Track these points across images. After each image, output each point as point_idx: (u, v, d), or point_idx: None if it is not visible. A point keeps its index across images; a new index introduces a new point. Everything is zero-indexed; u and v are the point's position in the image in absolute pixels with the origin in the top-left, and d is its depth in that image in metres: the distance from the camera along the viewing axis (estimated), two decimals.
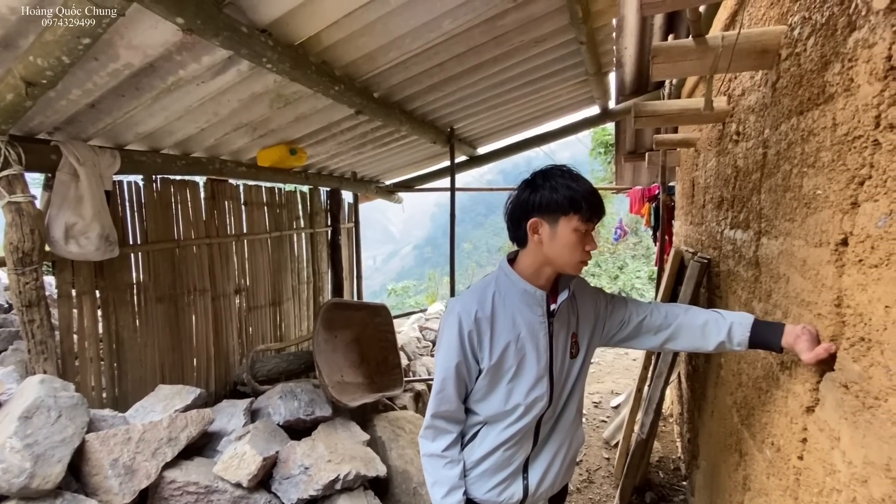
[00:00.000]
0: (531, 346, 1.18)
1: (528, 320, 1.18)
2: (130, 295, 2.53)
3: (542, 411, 1.23)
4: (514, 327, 1.17)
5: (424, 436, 1.26)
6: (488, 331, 1.17)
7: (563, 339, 1.23)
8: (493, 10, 2.05)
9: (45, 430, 1.62)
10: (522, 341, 1.17)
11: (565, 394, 1.27)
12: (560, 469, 1.32)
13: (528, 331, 1.18)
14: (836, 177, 0.93)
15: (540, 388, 1.20)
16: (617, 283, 11.20)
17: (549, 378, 1.21)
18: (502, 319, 1.18)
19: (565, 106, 4.05)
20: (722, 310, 1.25)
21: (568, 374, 1.25)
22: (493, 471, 1.25)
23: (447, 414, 1.23)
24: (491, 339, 1.17)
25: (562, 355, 1.23)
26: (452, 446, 1.24)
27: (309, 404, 2.60)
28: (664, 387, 2.37)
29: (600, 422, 3.86)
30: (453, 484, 1.22)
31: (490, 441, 1.23)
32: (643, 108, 1.86)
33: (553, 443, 1.30)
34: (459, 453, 1.26)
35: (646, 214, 5.02)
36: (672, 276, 2.67)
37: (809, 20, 1.09)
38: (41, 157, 1.92)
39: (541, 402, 1.21)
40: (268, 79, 2.07)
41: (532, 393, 1.19)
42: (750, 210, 1.56)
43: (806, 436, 1.04)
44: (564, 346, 1.23)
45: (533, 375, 1.19)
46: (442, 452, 1.23)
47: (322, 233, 4.51)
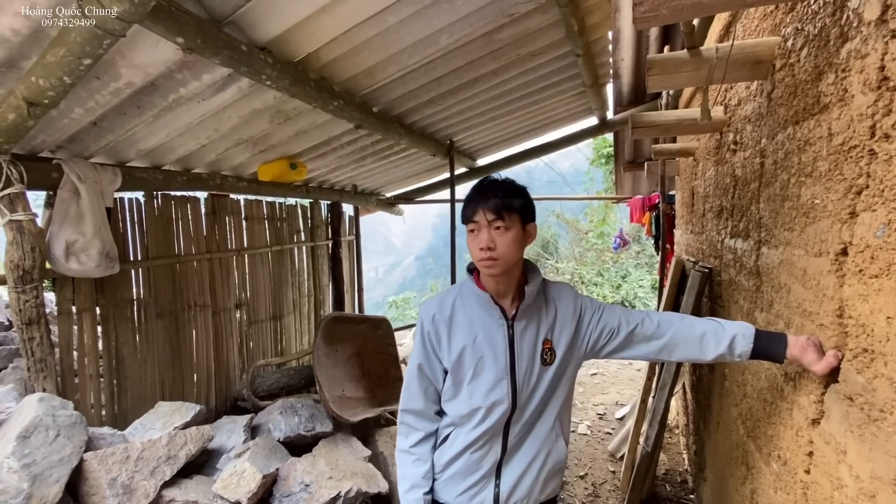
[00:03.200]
0: (488, 349, 1.21)
1: (484, 323, 1.21)
2: (131, 311, 2.53)
3: (505, 414, 1.22)
4: (471, 330, 1.21)
5: (399, 431, 1.32)
6: (446, 332, 1.22)
7: (528, 343, 1.22)
8: (490, 25, 2.08)
9: (43, 449, 1.61)
10: (479, 343, 1.21)
11: (535, 400, 1.24)
12: (536, 479, 1.28)
13: (484, 334, 1.21)
14: (834, 186, 0.93)
15: (500, 391, 1.21)
16: (620, 292, 11.14)
17: (510, 381, 1.21)
18: (461, 322, 1.23)
19: (563, 117, 4.08)
20: (721, 319, 1.23)
21: (538, 380, 1.23)
22: (462, 474, 1.25)
23: (414, 411, 1.28)
24: (449, 339, 1.22)
25: (528, 360, 1.22)
26: (420, 444, 1.29)
27: (309, 420, 2.57)
28: (669, 398, 2.34)
29: (605, 434, 3.81)
30: (415, 482, 1.26)
31: (458, 443, 1.25)
32: (640, 119, 1.87)
33: (526, 451, 1.28)
34: (430, 453, 1.29)
35: (647, 223, 5.02)
36: (674, 286, 2.66)
37: (802, 31, 1.10)
38: (43, 176, 1.93)
39: (502, 405, 1.21)
40: (268, 95, 2.09)
41: (491, 395, 1.20)
42: (750, 219, 1.56)
43: (812, 449, 1.02)
44: (532, 352, 1.22)
45: (491, 377, 1.20)
46: (410, 449, 1.28)
47: (323, 246, 4.52)
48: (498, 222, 1.13)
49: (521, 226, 1.17)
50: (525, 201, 1.18)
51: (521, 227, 1.17)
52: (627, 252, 11.67)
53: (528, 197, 1.20)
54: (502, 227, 1.13)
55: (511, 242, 1.14)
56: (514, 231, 1.14)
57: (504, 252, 1.13)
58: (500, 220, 1.13)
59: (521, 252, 1.18)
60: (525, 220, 1.18)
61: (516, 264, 1.19)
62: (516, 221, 1.15)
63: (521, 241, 1.17)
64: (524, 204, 1.17)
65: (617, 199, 6.07)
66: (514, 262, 1.17)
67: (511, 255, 1.15)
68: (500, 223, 1.13)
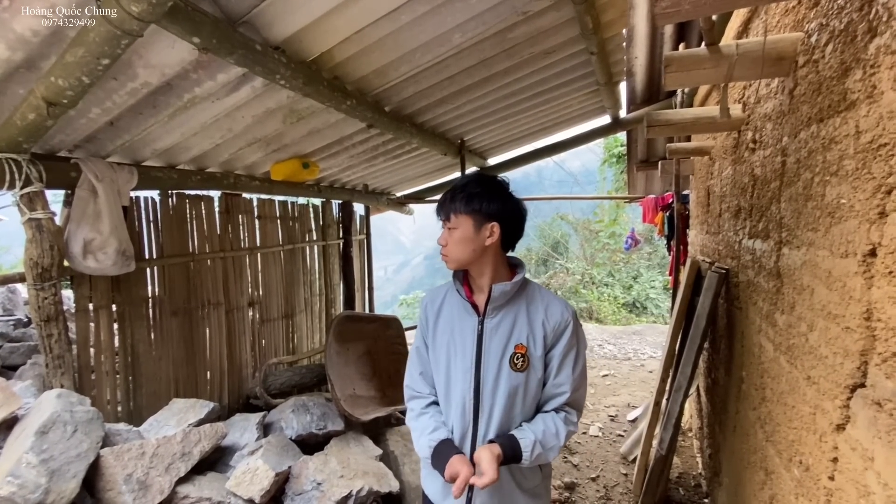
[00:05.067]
0: (459, 342, 1.26)
1: (461, 317, 1.28)
2: (146, 309, 2.56)
3: (470, 408, 1.24)
4: (450, 322, 1.30)
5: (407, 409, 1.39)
6: (433, 320, 1.33)
7: (498, 344, 1.23)
8: (503, 23, 2.06)
9: (60, 444, 1.63)
10: (455, 336, 1.28)
11: (499, 399, 1.22)
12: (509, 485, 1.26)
13: (459, 327, 1.28)
14: (862, 185, 0.90)
15: (465, 384, 1.24)
16: (631, 292, 11.04)
17: (474, 377, 1.23)
18: (445, 313, 1.32)
19: (576, 116, 4.05)
20: (547, 430, 1.22)
21: (505, 381, 1.21)
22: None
23: (411, 384, 1.37)
24: (434, 329, 1.32)
25: (496, 361, 1.22)
26: (426, 408, 1.33)
27: (321, 418, 2.58)
28: (684, 400, 2.30)
29: (617, 436, 3.77)
30: (436, 426, 1.28)
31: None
32: (656, 118, 1.84)
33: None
34: (438, 412, 1.32)
35: (659, 223, 4.96)
36: (689, 287, 2.62)
37: (827, 27, 1.07)
38: (61, 175, 1.96)
39: (466, 398, 1.24)
40: (281, 95, 2.10)
41: (457, 386, 1.25)
42: (769, 219, 1.53)
43: (837, 455, 1.00)
44: (501, 352, 1.22)
45: (460, 370, 1.25)
46: (421, 409, 1.34)
47: (334, 245, 4.54)
48: (446, 223, 1.24)
49: (474, 225, 1.20)
50: (485, 202, 1.20)
51: (471, 227, 1.20)
52: (639, 252, 11.56)
53: (491, 198, 1.21)
54: (451, 228, 1.22)
55: (458, 241, 1.21)
56: (461, 230, 1.21)
57: (452, 250, 1.22)
58: (447, 220, 1.23)
59: (472, 250, 1.22)
60: (481, 220, 1.20)
61: (476, 262, 1.24)
62: (464, 222, 1.21)
63: (471, 240, 1.21)
64: (483, 205, 1.20)
65: (629, 198, 6.00)
66: (467, 259, 1.23)
67: (459, 253, 1.22)
68: (448, 223, 1.23)
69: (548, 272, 12.68)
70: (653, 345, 6.53)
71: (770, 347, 1.50)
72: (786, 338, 1.35)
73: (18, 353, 2.53)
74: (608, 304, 10.56)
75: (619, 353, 6.17)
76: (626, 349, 6.35)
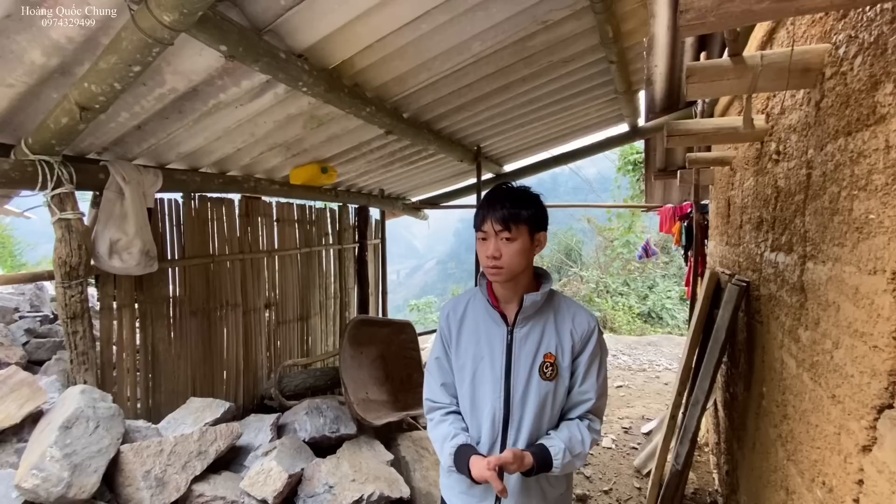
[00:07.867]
0: (488, 352, 1.24)
1: (488, 327, 1.26)
2: (167, 308, 2.62)
3: (500, 418, 1.22)
4: (476, 332, 1.27)
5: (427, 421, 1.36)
6: (456, 331, 1.29)
7: (528, 353, 1.22)
8: (522, 32, 2.07)
9: (83, 440, 1.67)
10: (482, 346, 1.25)
11: (529, 409, 1.21)
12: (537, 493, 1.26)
13: (486, 337, 1.25)
14: (891, 201, 0.88)
15: (494, 394, 1.22)
16: (647, 302, 10.89)
17: (504, 386, 1.22)
18: (470, 323, 1.29)
19: (594, 124, 4.03)
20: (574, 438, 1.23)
21: (535, 391, 1.21)
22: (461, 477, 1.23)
23: (431, 396, 1.34)
24: (458, 339, 1.29)
25: (526, 370, 1.21)
26: (442, 413, 1.31)
27: (334, 421, 2.60)
28: (701, 415, 2.26)
29: (631, 448, 3.71)
30: (456, 432, 1.25)
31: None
32: (676, 127, 1.82)
33: None
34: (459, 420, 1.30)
35: (676, 234, 4.89)
36: (707, 299, 2.57)
37: (856, 39, 1.06)
38: (90, 176, 2.02)
39: (496, 408, 1.22)
40: (302, 101, 2.14)
41: (487, 397, 1.23)
42: (793, 233, 1.50)
43: (862, 477, 0.97)
44: (530, 361, 1.22)
45: (488, 380, 1.23)
46: (440, 417, 1.31)
47: (350, 249, 4.58)
48: (505, 233, 1.17)
49: (529, 236, 1.19)
50: (535, 211, 1.20)
51: (528, 237, 1.19)
52: (655, 262, 11.40)
53: (539, 206, 1.21)
54: (509, 238, 1.17)
55: (516, 253, 1.17)
56: (520, 241, 1.17)
57: (509, 261, 1.17)
58: (506, 230, 1.16)
59: (526, 261, 1.21)
60: (534, 230, 1.20)
61: (523, 272, 1.22)
62: (523, 232, 1.18)
63: (528, 251, 1.19)
64: (533, 214, 1.19)
65: (647, 207, 5.94)
66: (520, 270, 1.20)
67: (516, 265, 1.18)
68: (507, 234, 1.17)
69: (561, 279, 12.58)
70: (668, 356, 6.42)
71: (792, 363, 1.47)
72: (809, 354, 1.32)
73: (44, 348, 2.60)
74: (623, 314, 10.43)
75: (633, 364, 6.08)
76: (640, 360, 6.25)
